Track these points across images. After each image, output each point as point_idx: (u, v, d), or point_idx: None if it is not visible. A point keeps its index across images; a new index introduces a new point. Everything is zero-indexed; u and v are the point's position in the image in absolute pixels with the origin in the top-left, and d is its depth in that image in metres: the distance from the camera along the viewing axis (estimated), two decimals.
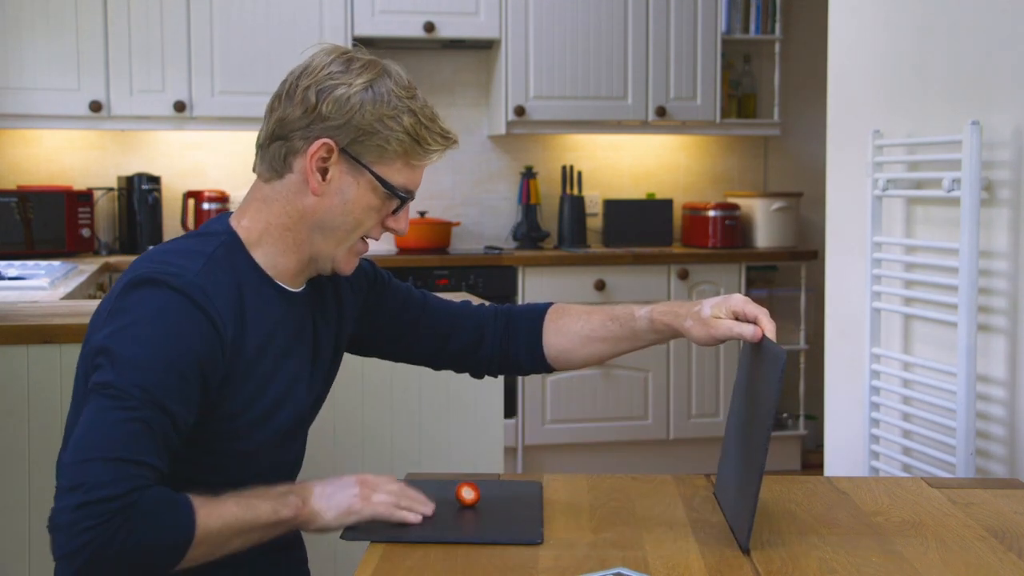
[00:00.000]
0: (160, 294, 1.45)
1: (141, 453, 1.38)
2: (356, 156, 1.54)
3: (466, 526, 1.54)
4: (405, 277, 4.63)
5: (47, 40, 4.53)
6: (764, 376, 1.52)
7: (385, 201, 1.57)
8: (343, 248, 1.59)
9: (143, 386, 1.40)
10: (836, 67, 3.15)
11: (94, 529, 1.33)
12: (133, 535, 1.34)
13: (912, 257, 2.75)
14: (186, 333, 1.44)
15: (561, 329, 1.81)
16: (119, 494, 1.34)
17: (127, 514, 1.34)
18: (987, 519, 1.59)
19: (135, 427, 1.38)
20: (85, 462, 1.36)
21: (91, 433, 1.38)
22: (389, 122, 1.53)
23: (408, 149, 1.55)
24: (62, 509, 1.35)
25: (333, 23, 4.71)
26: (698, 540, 1.48)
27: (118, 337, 1.43)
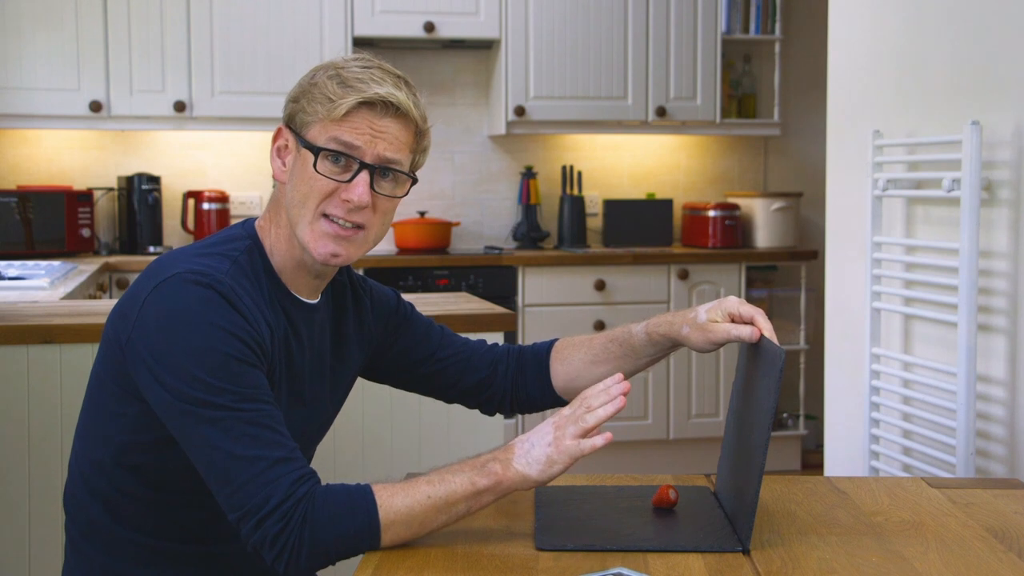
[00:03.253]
0: (194, 291, 1.45)
1: (274, 449, 1.40)
2: (294, 129, 1.55)
3: (659, 533, 1.51)
4: (405, 277, 4.64)
5: (47, 40, 4.53)
6: (763, 376, 1.52)
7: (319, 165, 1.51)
8: (303, 226, 1.54)
9: (223, 391, 1.41)
10: (836, 67, 3.15)
11: (281, 536, 1.37)
12: (318, 528, 1.38)
13: (912, 257, 2.75)
14: (229, 325, 1.44)
15: (565, 359, 1.82)
16: (286, 495, 1.38)
17: (303, 509, 1.38)
18: (987, 519, 1.59)
19: (251, 432, 1.40)
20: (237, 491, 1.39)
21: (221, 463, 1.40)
22: (311, 88, 1.53)
23: (321, 107, 1.51)
24: (248, 536, 1.40)
25: (333, 23, 4.71)
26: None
27: (169, 346, 1.43)
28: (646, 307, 4.82)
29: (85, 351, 2.37)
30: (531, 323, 4.72)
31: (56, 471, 2.35)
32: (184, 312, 1.44)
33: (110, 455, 1.54)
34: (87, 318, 2.49)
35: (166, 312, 1.44)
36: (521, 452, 1.46)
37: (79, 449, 1.60)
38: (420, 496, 1.42)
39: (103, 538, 1.56)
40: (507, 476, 1.44)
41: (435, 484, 1.43)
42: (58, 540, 1.65)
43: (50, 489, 2.35)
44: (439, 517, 1.43)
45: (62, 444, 2.32)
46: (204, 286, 1.45)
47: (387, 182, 1.55)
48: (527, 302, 4.73)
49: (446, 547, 1.44)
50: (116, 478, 1.54)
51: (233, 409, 1.40)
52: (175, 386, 1.41)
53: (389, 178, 1.55)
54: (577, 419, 1.48)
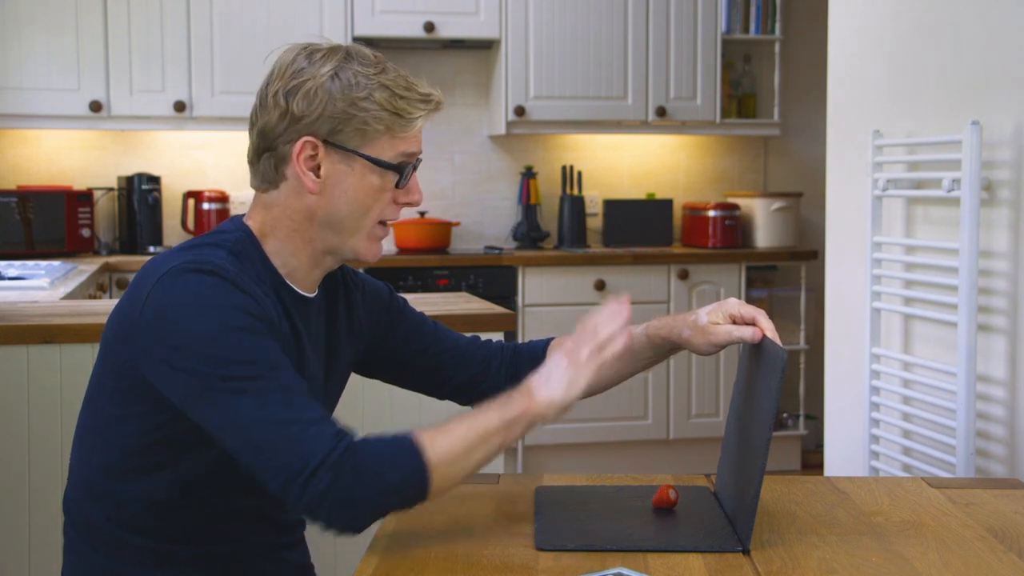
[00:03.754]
0: (197, 278, 1.44)
1: (304, 411, 1.40)
2: (341, 144, 1.52)
3: (660, 533, 1.51)
4: (405, 277, 4.64)
5: (47, 40, 4.53)
6: (765, 376, 1.52)
7: (386, 179, 1.54)
8: (360, 237, 1.56)
9: (244, 363, 1.40)
10: (836, 67, 3.15)
11: (333, 489, 1.36)
12: (367, 475, 1.37)
13: (912, 257, 2.75)
14: (237, 303, 1.44)
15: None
16: (328, 451, 1.37)
17: (346, 461, 1.36)
18: (987, 519, 1.59)
19: (279, 398, 1.40)
20: (276, 457, 1.37)
21: (255, 433, 1.39)
22: (363, 103, 1.51)
23: (390, 123, 1.52)
24: (296, 500, 1.37)
25: (333, 23, 4.71)
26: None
27: (184, 334, 1.42)
28: (646, 307, 4.82)
29: (85, 351, 2.37)
30: (531, 323, 4.72)
31: (56, 471, 2.35)
32: (190, 298, 1.43)
33: (114, 457, 1.54)
34: (87, 318, 2.49)
35: (172, 302, 1.44)
36: (540, 384, 1.48)
37: (80, 451, 1.60)
38: (458, 435, 1.43)
39: (103, 539, 1.56)
40: (533, 404, 1.47)
41: (467, 422, 1.44)
42: (58, 540, 1.65)
43: (50, 489, 2.35)
44: (478, 453, 1.43)
45: (62, 444, 2.32)
46: (205, 273, 1.45)
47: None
48: (527, 302, 4.73)
49: (446, 547, 1.44)
50: (119, 480, 1.54)
51: (257, 378, 1.40)
52: (196, 370, 1.40)
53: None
54: (588, 339, 1.51)
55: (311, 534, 1.77)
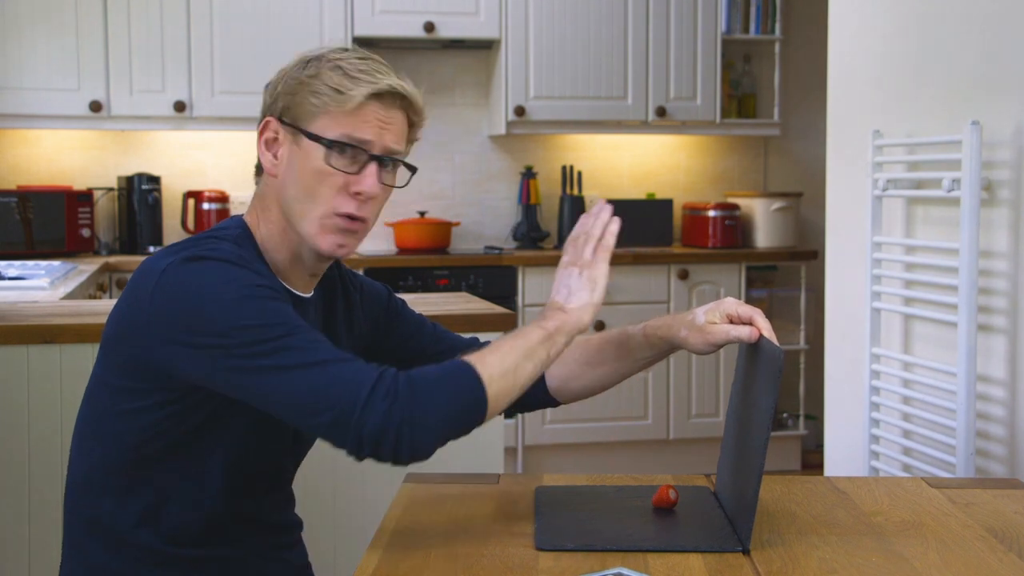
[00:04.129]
0: (210, 264, 1.45)
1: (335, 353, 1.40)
2: (291, 122, 1.54)
3: (659, 533, 1.51)
4: (405, 277, 4.64)
5: (47, 40, 4.53)
6: (762, 375, 1.52)
7: (332, 161, 1.51)
8: (309, 223, 1.53)
9: (268, 325, 1.40)
10: (836, 67, 3.15)
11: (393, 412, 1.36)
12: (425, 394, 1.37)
13: (912, 257, 2.75)
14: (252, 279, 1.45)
15: (560, 359, 1.79)
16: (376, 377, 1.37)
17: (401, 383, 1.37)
18: (987, 519, 1.59)
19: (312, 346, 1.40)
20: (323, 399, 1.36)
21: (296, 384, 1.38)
22: (311, 80, 1.52)
23: (329, 99, 1.51)
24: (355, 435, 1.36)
25: (333, 23, 4.71)
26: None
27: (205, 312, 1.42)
28: (646, 307, 4.82)
29: (85, 351, 2.37)
30: None
31: (56, 471, 2.35)
32: (201, 281, 1.43)
33: (114, 455, 1.53)
34: (87, 318, 2.49)
35: (183, 288, 1.44)
36: (562, 298, 1.55)
37: (80, 449, 1.59)
38: (505, 349, 1.46)
39: (102, 538, 1.56)
40: (566, 315, 1.53)
41: (512, 339, 1.47)
42: (58, 540, 1.65)
43: (50, 489, 2.35)
44: (527, 365, 1.46)
45: (62, 444, 2.32)
46: (210, 259, 1.45)
47: (389, 173, 1.57)
48: (527, 302, 4.73)
49: (446, 547, 1.44)
50: (119, 478, 1.54)
51: (285, 336, 1.39)
52: (220, 344, 1.40)
53: (390, 168, 1.56)
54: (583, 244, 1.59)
55: (309, 534, 1.77)
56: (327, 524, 2.42)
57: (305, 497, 1.75)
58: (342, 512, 2.42)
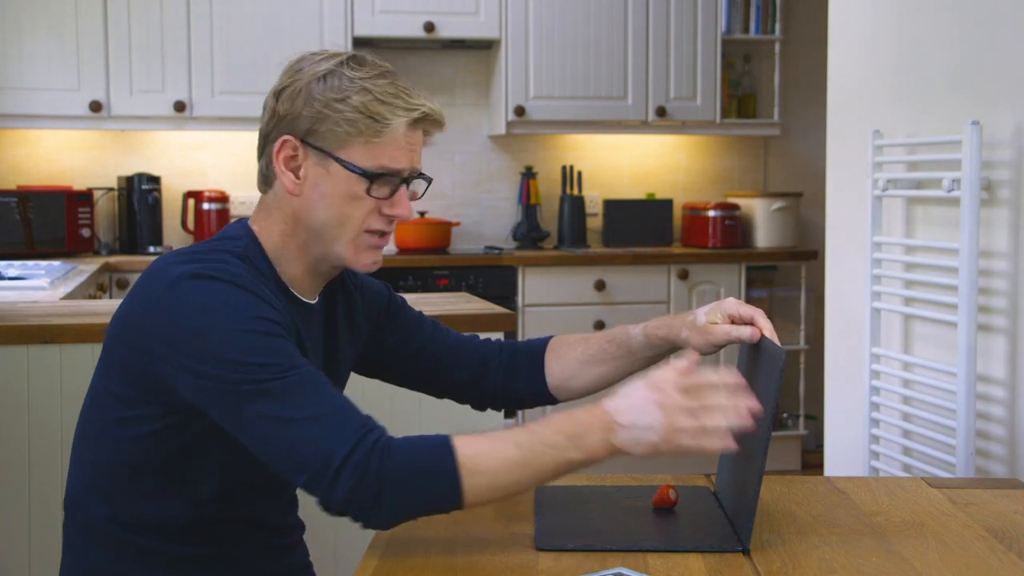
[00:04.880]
0: (216, 286, 1.44)
1: (326, 403, 1.39)
2: (318, 145, 1.51)
3: (662, 534, 1.51)
4: (405, 277, 4.64)
5: (47, 40, 4.53)
6: (764, 376, 1.52)
7: (366, 187, 1.51)
8: (343, 244, 1.55)
9: (264, 365, 1.39)
10: (836, 67, 3.15)
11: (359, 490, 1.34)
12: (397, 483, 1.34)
13: (912, 257, 2.75)
14: (257, 309, 1.44)
15: (561, 357, 1.80)
16: (353, 446, 1.35)
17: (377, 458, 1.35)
18: (987, 519, 1.59)
19: (299, 394, 1.38)
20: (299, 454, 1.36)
21: (277, 432, 1.38)
22: (337, 104, 1.49)
23: (364, 128, 1.49)
24: (321, 498, 1.37)
25: (333, 23, 4.71)
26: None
27: (202, 338, 1.41)
28: (646, 307, 4.82)
29: (85, 351, 2.37)
30: (531, 323, 4.72)
31: (56, 471, 2.35)
32: (206, 304, 1.43)
33: (116, 458, 1.53)
34: (87, 318, 2.49)
35: (188, 308, 1.43)
36: (623, 431, 1.38)
37: (82, 451, 1.59)
38: (507, 463, 1.37)
39: (103, 539, 1.56)
40: (602, 451, 1.40)
41: (524, 449, 1.37)
42: (57, 540, 1.65)
43: (50, 489, 2.35)
44: (524, 483, 1.39)
45: (62, 444, 2.32)
46: (219, 280, 1.45)
47: (413, 189, 1.58)
48: (527, 302, 4.73)
49: (446, 547, 1.44)
50: (120, 481, 1.54)
51: (278, 379, 1.39)
52: (215, 374, 1.40)
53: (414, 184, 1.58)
54: (695, 415, 1.38)
55: (310, 535, 1.77)
56: (327, 524, 2.41)
57: (306, 498, 1.74)
58: None
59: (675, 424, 1.37)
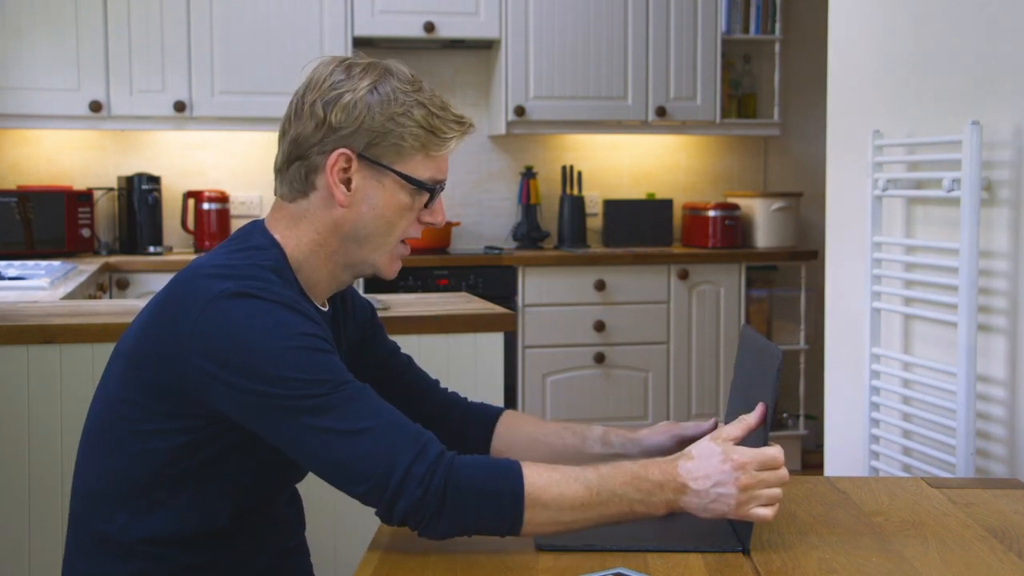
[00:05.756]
0: (259, 304, 1.44)
1: (380, 415, 1.40)
2: (375, 159, 1.52)
3: (662, 534, 1.51)
4: (405, 277, 4.64)
5: (47, 40, 4.53)
6: (761, 376, 1.52)
7: (415, 198, 1.56)
8: (383, 253, 1.57)
9: (315, 381, 1.40)
10: (836, 67, 3.15)
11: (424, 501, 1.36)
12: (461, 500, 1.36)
13: (912, 257, 2.75)
14: (301, 326, 1.44)
15: (512, 427, 1.79)
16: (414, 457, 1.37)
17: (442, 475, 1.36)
18: (987, 519, 1.59)
19: (354, 408, 1.40)
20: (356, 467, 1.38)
21: (334, 448, 1.39)
22: (400, 119, 1.52)
23: (425, 142, 1.54)
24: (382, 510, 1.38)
25: (333, 23, 4.71)
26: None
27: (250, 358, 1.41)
28: (646, 307, 4.82)
29: (85, 351, 2.37)
30: (531, 323, 4.72)
31: (56, 471, 2.35)
32: (252, 323, 1.42)
33: (135, 469, 1.52)
34: (87, 318, 2.49)
35: (230, 327, 1.42)
36: (694, 497, 1.41)
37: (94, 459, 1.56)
38: (571, 499, 1.39)
39: (112, 549, 1.54)
40: (666, 508, 1.42)
41: (592, 491, 1.40)
42: (58, 540, 1.65)
43: (50, 489, 2.35)
44: (582, 524, 1.41)
45: (62, 444, 2.32)
46: (264, 299, 1.44)
47: None
48: (527, 302, 4.73)
49: (446, 547, 1.44)
50: (138, 493, 1.52)
51: (330, 394, 1.40)
52: (265, 391, 1.40)
53: None
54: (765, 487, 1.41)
55: (310, 534, 1.77)
56: (328, 524, 2.42)
57: (306, 497, 1.75)
58: (343, 512, 2.42)
59: (749, 498, 1.41)
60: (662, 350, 4.86)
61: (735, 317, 4.93)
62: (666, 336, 4.87)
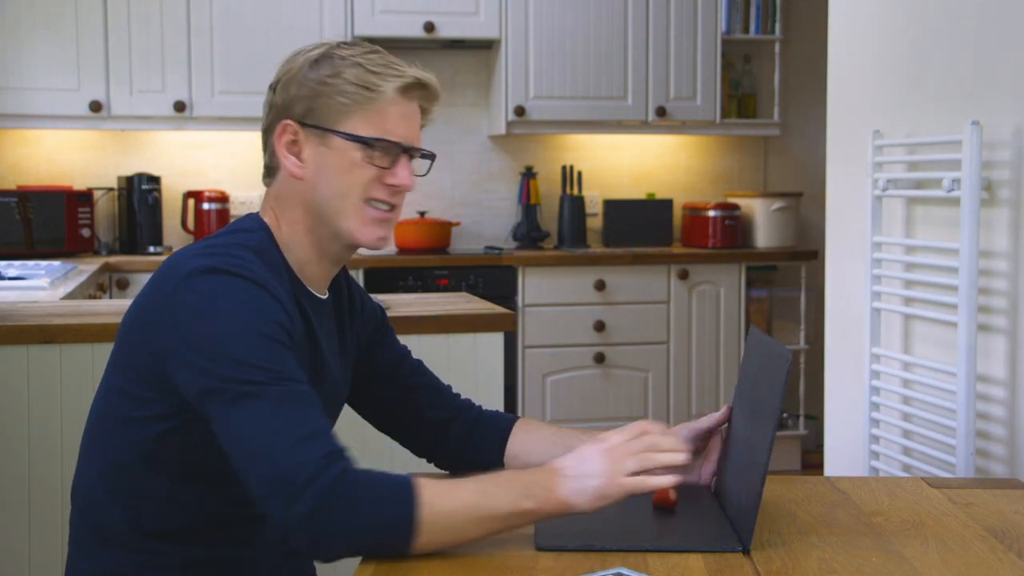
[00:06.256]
0: (229, 280, 1.44)
1: (306, 424, 1.37)
2: (315, 123, 1.54)
3: (662, 534, 1.51)
4: (405, 277, 4.64)
5: (47, 40, 4.53)
6: (769, 376, 1.52)
7: (368, 155, 1.54)
8: (348, 217, 1.56)
9: (259, 368, 1.39)
10: (836, 67, 3.15)
11: (313, 514, 1.33)
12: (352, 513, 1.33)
13: (912, 257, 2.75)
14: (266, 309, 1.44)
15: (530, 430, 1.78)
16: (317, 471, 1.33)
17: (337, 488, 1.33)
18: (987, 519, 1.59)
19: (284, 409, 1.38)
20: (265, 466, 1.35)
21: (251, 439, 1.37)
22: (332, 80, 1.53)
23: (357, 97, 1.53)
24: (276, 516, 1.35)
25: (333, 23, 4.71)
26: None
27: (207, 332, 1.41)
28: (646, 307, 4.82)
29: (85, 351, 2.37)
30: (531, 323, 4.72)
31: (56, 471, 2.35)
32: (219, 299, 1.43)
33: (137, 456, 1.52)
34: (87, 318, 2.49)
35: (200, 302, 1.43)
36: (569, 480, 1.42)
37: (94, 451, 1.57)
38: (461, 503, 1.38)
39: (111, 542, 1.55)
40: (550, 503, 1.41)
41: (480, 494, 1.39)
42: (58, 540, 1.65)
43: (50, 489, 2.35)
44: (475, 529, 1.39)
45: (62, 444, 2.32)
46: (236, 275, 1.44)
47: (414, 163, 1.60)
48: (527, 302, 4.73)
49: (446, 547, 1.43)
50: (133, 481, 1.53)
51: (266, 384, 1.38)
52: (210, 369, 1.40)
53: (416, 158, 1.61)
54: (637, 455, 1.44)
55: None
56: None
57: None
58: None
59: (620, 468, 1.43)
60: (662, 350, 4.86)
61: (735, 317, 4.93)
62: (666, 336, 4.87)
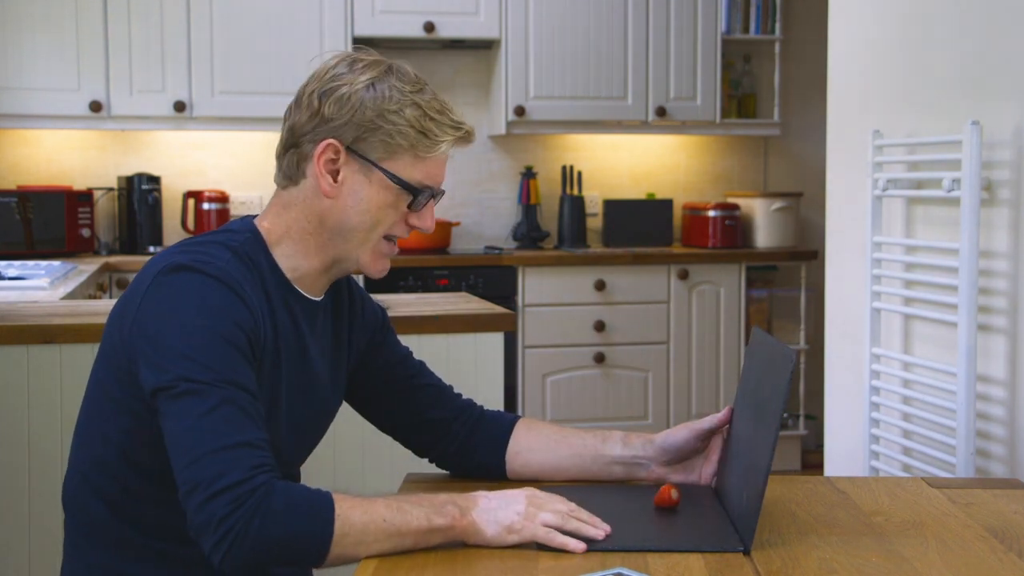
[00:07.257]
0: (196, 278, 1.45)
1: (242, 432, 1.37)
2: (363, 153, 1.53)
3: (660, 533, 1.51)
4: (405, 277, 4.64)
5: (47, 40, 4.53)
6: (772, 377, 1.52)
7: (400, 197, 1.56)
8: (365, 249, 1.58)
9: (208, 368, 1.39)
10: (836, 67, 3.15)
11: (228, 519, 1.32)
12: (268, 522, 1.33)
13: (912, 257, 2.75)
14: (229, 311, 1.44)
15: (532, 429, 1.78)
16: (242, 478, 1.34)
17: (258, 497, 1.33)
18: (987, 519, 1.59)
19: (223, 411, 1.38)
20: (193, 463, 1.35)
21: (185, 435, 1.37)
22: (392, 116, 1.52)
23: (415, 142, 1.54)
24: (193, 512, 1.35)
25: (333, 23, 4.71)
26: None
27: (164, 328, 1.42)
28: (646, 307, 4.82)
29: (85, 351, 2.37)
30: (531, 323, 4.72)
31: (56, 471, 2.35)
32: (183, 296, 1.44)
33: (113, 453, 1.54)
34: (87, 318, 2.49)
35: (165, 298, 1.45)
36: (485, 507, 1.43)
37: (79, 448, 1.60)
38: (376, 517, 1.38)
39: (104, 537, 1.56)
40: (461, 523, 1.42)
41: (392, 509, 1.39)
42: (58, 540, 1.65)
43: (50, 489, 2.35)
44: (386, 543, 1.39)
45: (62, 444, 2.32)
46: (204, 274, 1.45)
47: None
48: (527, 302, 4.73)
49: (446, 547, 1.44)
50: (119, 476, 1.54)
51: (211, 385, 1.38)
52: (161, 364, 1.40)
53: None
54: (557, 511, 1.44)
55: None
56: None
57: None
58: None
59: (536, 512, 1.43)
60: (662, 350, 4.86)
61: (735, 317, 4.93)
62: (666, 336, 4.87)
